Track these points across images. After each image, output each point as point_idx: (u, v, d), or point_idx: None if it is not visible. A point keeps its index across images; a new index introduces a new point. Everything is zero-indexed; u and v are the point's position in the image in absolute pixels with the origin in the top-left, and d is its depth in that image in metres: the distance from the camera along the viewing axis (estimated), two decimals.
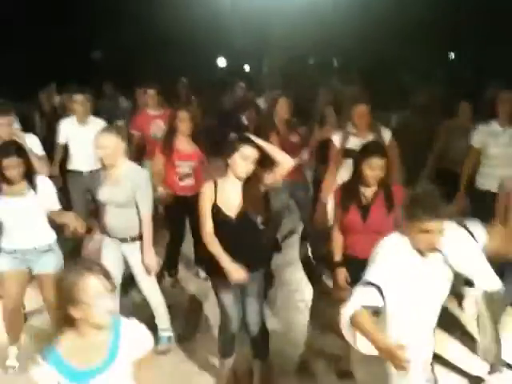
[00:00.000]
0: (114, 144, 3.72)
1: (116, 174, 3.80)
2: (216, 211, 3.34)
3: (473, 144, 4.85)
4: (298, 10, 12.16)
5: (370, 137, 4.52)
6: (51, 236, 3.81)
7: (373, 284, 2.46)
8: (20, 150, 3.61)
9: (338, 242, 3.61)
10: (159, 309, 4.11)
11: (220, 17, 14.31)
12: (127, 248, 3.92)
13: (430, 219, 2.41)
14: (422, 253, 2.51)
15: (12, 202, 3.60)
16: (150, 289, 4.04)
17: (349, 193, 3.50)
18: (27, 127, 6.06)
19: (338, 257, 3.62)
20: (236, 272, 3.32)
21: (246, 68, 17.08)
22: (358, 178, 3.46)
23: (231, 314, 3.51)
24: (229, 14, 14.08)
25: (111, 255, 3.92)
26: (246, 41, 15.15)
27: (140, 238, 3.89)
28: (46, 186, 3.71)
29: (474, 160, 4.88)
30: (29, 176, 3.63)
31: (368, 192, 3.48)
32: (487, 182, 4.77)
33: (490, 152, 4.77)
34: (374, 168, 3.36)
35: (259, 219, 3.45)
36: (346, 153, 4.59)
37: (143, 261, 3.88)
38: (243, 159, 3.25)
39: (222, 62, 17.02)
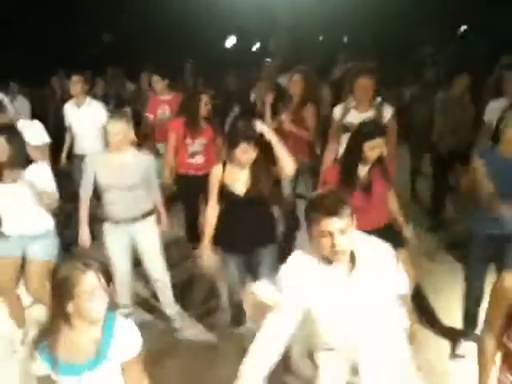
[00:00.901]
0: (125, 130, 3.80)
1: (122, 159, 3.85)
2: (224, 189, 3.60)
3: (485, 119, 4.79)
4: None
5: (371, 112, 4.45)
6: (47, 223, 3.79)
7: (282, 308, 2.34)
8: (11, 136, 3.57)
9: None
10: (167, 290, 4.12)
11: None
12: (136, 227, 3.93)
13: (329, 219, 2.20)
14: (330, 262, 2.32)
15: (5, 188, 3.60)
16: (157, 267, 4.05)
17: (346, 175, 3.48)
18: (42, 112, 6.12)
19: None
20: (205, 257, 3.71)
21: (254, 48, 16.90)
22: (355, 156, 3.46)
23: (235, 288, 3.76)
24: None
25: (117, 244, 3.95)
26: (253, 21, 14.98)
27: (148, 214, 3.99)
28: (40, 172, 3.67)
29: (487, 137, 4.81)
30: (22, 162, 3.60)
31: (364, 169, 3.51)
32: None
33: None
34: (375, 148, 3.39)
35: (268, 198, 3.68)
36: (345, 127, 4.54)
37: (160, 224, 4.07)
38: (243, 153, 3.49)
39: (229, 42, 16.86)
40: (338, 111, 4.69)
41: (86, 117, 5.62)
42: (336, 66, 8.04)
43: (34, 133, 4.69)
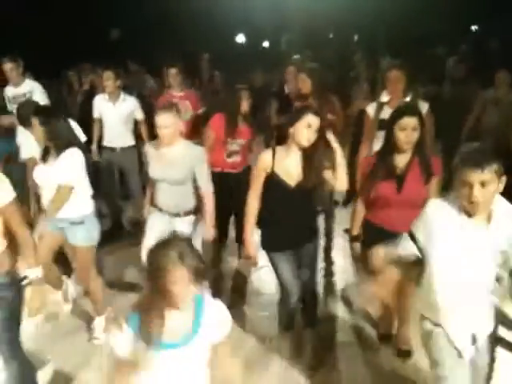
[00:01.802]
0: (175, 123, 3.79)
1: (172, 153, 3.87)
2: (274, 178, 3.37)
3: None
4: None
5: None
6: (85, 209, 3.79)
7: (412, 236, 2.51)
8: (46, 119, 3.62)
9: (359, 215, 3.51)
10: None
11: None
12: (178, 222, 3.97)
13: (471, 171, 2.28)
14: (469, 214, 2.39)
15: (45, 170, 3.68)
16: None
17: (381, 161, 3.28)
18: (55, 104, 6.13)
19: (355, 231, 3.55)
20: (250, 248, 3.54)
21: (265, 44, 16.89)
22: (390, 143, 3.24)
23: (291, 287, 3.56)
24: None
25: (158, 227, 3.89)
26: (265, 17, 14.98)
27: (192, 212, 4.02)
28: (70, 159, 3.64)
29: None
30: (60, 147, 3.62)
31: (402, 160, 3.26)
32: None
33: None
34: (405, 128, 3.15)
35: (318, 191, 3.54)
36: (380, 124, 4.42)
37: (204, 234, 4.02)
38: (306, 127, 3.28)
39: (240, 38, 16.86)
40: (371, 108, 4.59)
41: (121, 112, 5.65)
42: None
43: None
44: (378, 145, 4.33)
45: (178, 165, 3.84)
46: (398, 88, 4.42)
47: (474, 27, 14.92)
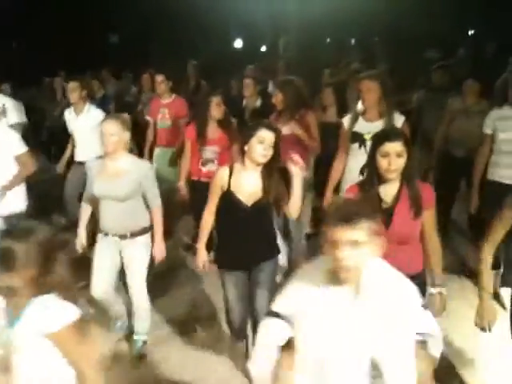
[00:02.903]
0: (120, 132, 3.58)
1: (116, 167, 3.64)
2: (229, 196, 3.27)
3: (484, 130, 4.55)
4: None
5: (380, 121, 4.20)
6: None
7: (278, 315, 2.15)
8: None
9: None
10: (142, 312, 3.93)
11: None
12: (126, 244, 3.73)
13: (340, 228, 1.94)
14: (337, 281, 2.02)
15: None
16: (139, 289, 3.85)
17: (366, 194, 2.86)
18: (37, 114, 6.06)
19: None
20: (200, 259, 3.51)
21: (263, 49, 16.87)
22: (373, 172, 2.86)
23: (234, 309, 3.49)
24: None
25: (106, 257, 3.76)
26: (262, 22, 14.96)
27: (141, 232, 3.75)
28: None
29: (487, 148, 4.55)
30: None
31: (389, 191, 2.86)
32: (498, 171, 4.47)
33: (499, 138, 4.44)
34: (388, 155, 2.77)
35: (276, 209, 3.43)
36: (354, 137, 4.27)
37: (154, 253, 3.79)
38: (259, 143, 3.18)
39: (238, 43, 16.84)
40: (346, 119, 4.41)
41: (85, 125, 5.42)
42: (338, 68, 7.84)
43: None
44: (351, 159, 4.30)
45: (123, 179, 3.60)
46: (371, 99, 4.22)
47: (471, 31, 14.89)
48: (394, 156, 2.76)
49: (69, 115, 5.61)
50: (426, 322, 2.10)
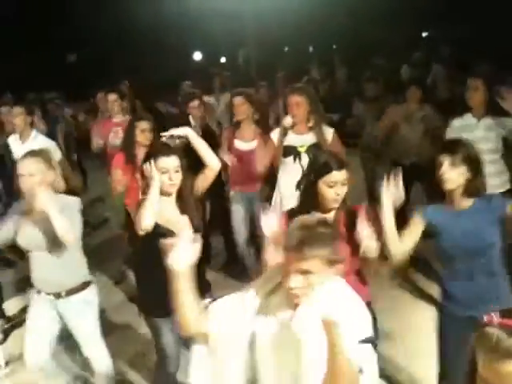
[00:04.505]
0: (42, 171, 3.01)
1: (39, 210, 2.94)
2: (159, 231, 2.83)
3: None
4: (272, 1, 12.09)
5: (309, 134, 4.16)
6: None
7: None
8: None
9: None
10: (103, 376, 3.36)
11: (194, 11, 14.16)
12: (63, 305, 3.14)
13: (292, 255, 1.82)
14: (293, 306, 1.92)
15: None
16: (96, 352, 3.31)
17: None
18: None
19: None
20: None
21: (223, 60, 16.95)
22: (310, 201, 2.67)
23: (170, 353, 3.07)
24: (203, 7, 13.93)
25: (40, 319, 3.18)
26: (221, 33, 15.03)
27: (79, 289, 3.15)
28: None
29: None
30: None
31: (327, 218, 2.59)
32: None
33: None
34: (334, 185, 2.61)
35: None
36: (287, 150, 4.19)
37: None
38: (163, 173, 2.86)
39: (197, 55, 16.86)
40: (275, 133, 4.29)
41: None
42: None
43: None
44: (285, 173, 4.20)
45: (47, 223, 2.90)
46: (299, 113, 4.15)
47: (424, 33, 15.23)
48: (340, 185, 2.63)
49: (14, 142, 5.15)
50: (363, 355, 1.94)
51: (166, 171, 2.86)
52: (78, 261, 3.17)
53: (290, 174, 4.10)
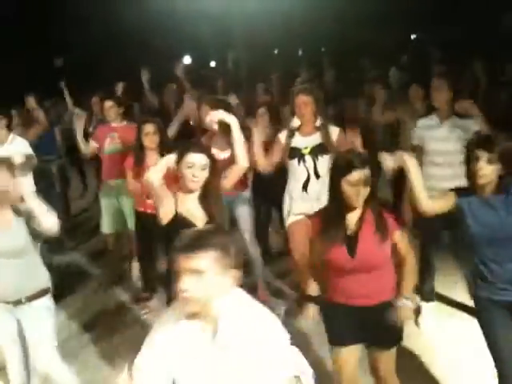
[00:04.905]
0: (9, 180, 3.04)
1: (6, 217, 3.06)
2: (180, 221, 2.97)
3: (412, 141, 4.35)
4: (262, 4, 12.11)
5: (317, 134, 4.19)
6: None
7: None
8: None
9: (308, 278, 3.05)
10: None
11: (183, 15, 14.16)
12: (22, 313, 3.12)
13: (180, 256, 1.82)
14: (192, 319, 1.89)
15: None
16: (51, 363, 3.21)
17: (329, 222, 2.75)
18: None
19: (310, 288, 3.11)
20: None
21: (212, 64, 16.92)
22: (338, 200, 2.73)
23: None
24: (192, 11, 13.93)
25: (4, 329, 3.16)
26: (210, 37, 15.03)
27: (39, 295, 3.14)
28: None
29: (418, 160, 4.31)
30: None
31: (352, 218, 2.75)
32: (430, 183, 4.08)
33: (428, 148, 4.21)
34: (357, 184, 2.66)
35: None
36: (292, 152, 4.21)
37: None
38: (188, 168, 2.96)
39: (187, 59, 16.82)
40: (283, 135, 4.29)
41: (7, 155, 4.92)
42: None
43: None
44: (290, 175, 4.26)
45: (14, 231, 3.04)
46: (306, 113, 4.16)
47: (413, 36, 15.31)
48: (361, 184, 2.67)
49: None
50: (295, 359, 1.97)
51: (192, 166, 2.95)
52: (38, 265, 3.18)
53: (296, 175, 4.19)
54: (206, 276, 1.79)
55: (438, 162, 4.17)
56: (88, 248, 6.43)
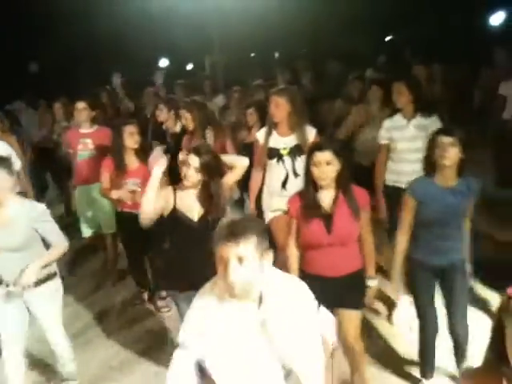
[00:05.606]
0: (5, 177, 3.21)
1: (5, 214, 3.27)
2: (177, 215, 3.33)
3: (380, 141, 4.54)
4: (238, 7, 12.11)
5: (293, 135, 4.26)
6: None
7: (185, 346, 2.10)
8: None
9: (294, 258, 3.26)
10: (67, 361, 3.75)
11: (160, 17, 14.09)
12: (30, 296, 3.41)
13: (225, 244, 1.96)
14: (235, 297, 2.04)
15: None
16: (59, 339, 3.65)
17: (306, 201, 3.11)
18: None
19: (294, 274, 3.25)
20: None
21: (189, 67, 16.90)
22: (309, 181, 3.10)
23: None
24: (169, 14, 13.87)
25: (12, 314, 3.42)
26: (187, 40, 14.98)
27: (46, 279, 3.45)
28: None
29: (384, 158, 4.52)
30: None
31: (327, 198, 3.11)
32: (397, 178, 4.42)
33: (397, 147, 4.42)
34: (319, 164, 3.02)
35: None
36: (271, 152, 4.31)
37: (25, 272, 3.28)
38: (182, 164, 3.32)
39: (163, 62, 16.75)
40: (261, 135, 4.41)
41: None
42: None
43: None
44: (270, 174, 4.36)
45: (13, 228, 3.25)
46: (279, 114, 4.24)
47: (388, 37, 15.46)
48: (324, 164, 3.01)
49: None
50: (323, 316, 2.28)
51: (184, 165, 3.30)
52: (43, 255, 3.40)
53: (275, 174, 4.30)
54: (249, 261, 1.96)
55: (408, 158, 4.36)
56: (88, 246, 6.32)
